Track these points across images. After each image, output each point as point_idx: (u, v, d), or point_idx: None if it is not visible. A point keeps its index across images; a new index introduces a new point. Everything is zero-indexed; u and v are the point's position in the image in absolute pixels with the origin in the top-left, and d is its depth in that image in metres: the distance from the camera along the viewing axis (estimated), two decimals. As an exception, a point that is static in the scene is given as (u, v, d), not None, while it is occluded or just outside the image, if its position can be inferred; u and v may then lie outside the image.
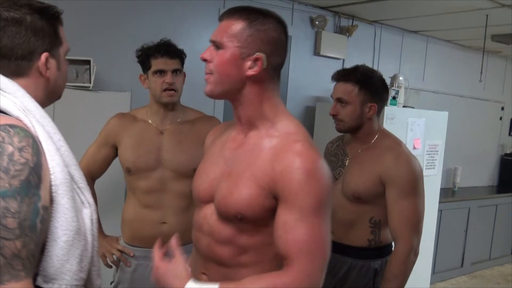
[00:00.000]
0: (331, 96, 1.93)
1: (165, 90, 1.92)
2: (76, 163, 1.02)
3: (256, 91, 1.15)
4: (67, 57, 1.11)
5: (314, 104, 3.98)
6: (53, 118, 2.50)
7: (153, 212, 1.95)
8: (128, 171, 1.95)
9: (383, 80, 1.89)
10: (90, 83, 2.62)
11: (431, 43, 4.80)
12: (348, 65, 2.33)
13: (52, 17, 1.03)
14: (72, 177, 0.99)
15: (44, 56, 1.01)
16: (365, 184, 1.82)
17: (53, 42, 1.03)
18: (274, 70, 1.16)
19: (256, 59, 1.11)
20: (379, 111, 1.88)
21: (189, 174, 1.86)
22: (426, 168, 3.67)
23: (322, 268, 1.06)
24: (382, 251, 1.89)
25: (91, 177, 2.01)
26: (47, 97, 1.07)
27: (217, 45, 1.14)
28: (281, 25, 1.16)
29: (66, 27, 1.09)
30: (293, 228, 1.05)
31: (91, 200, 1.04)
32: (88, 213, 1.02)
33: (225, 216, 1.16)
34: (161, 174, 1.94)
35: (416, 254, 1.76)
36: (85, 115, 2.52)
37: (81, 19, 2.81)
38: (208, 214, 1.22)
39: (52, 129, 0.99)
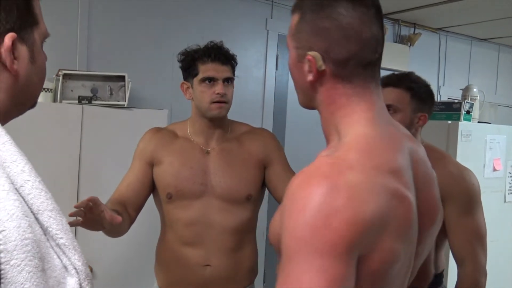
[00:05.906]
0: None
1: (214, 102, 1.61)
2: (53, 207, 0.66)
3: (324, 99, 0.88)
4: (100, 72, 0.77)
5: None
6: (81, 140, 2.28)
7: (195, 252, 1.61)
8: (169, 197, 1.62)
9: (431, 91, 1.74)
10: (125, 100, 2.37)
11: (504, 52, 4.41)
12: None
13: None
14: (46, 231, 0.64)
15: (9, 37, 0.67)
16: None
17: (23, 18, 0.69)
18: (343, 67, 0.84)
19: (309, 61, 0.86)
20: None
21: (241, 202, 1.60)
22: (508, 193, 3.17)
23: None
24: (437, 279, 1.71)
25: (134, 209, 1.63)
26: (15, 103, 0.72)
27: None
28: (348, 5, 0.83)
29: (99, 40, 0.76)
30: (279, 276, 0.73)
31: (79, 263, 0.67)
32: (74, 284, 0.65)
33: None
34: (206, 203, 1.61)
35: (486, 276, 1.62)
36: (119, 136, 2.27)
37: (114, 31, 2.59)
38: None
39: (9, 155, 0.64)
